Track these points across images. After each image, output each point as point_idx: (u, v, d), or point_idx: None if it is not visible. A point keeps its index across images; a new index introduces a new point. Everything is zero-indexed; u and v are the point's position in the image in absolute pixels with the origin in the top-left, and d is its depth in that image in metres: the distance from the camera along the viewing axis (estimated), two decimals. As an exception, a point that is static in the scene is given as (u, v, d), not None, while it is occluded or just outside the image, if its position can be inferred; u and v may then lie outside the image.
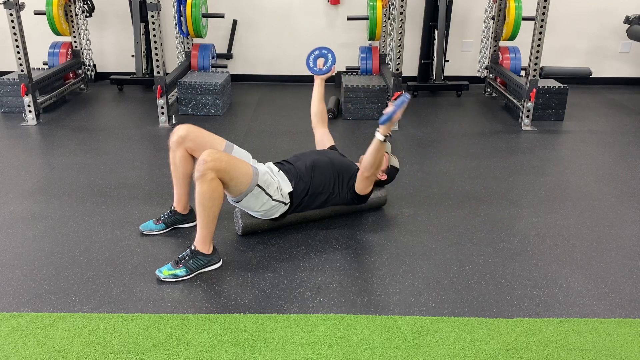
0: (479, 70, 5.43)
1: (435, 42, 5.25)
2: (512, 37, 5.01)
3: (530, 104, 4.30)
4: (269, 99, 5.19)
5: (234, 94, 5.20)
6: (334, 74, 3.10)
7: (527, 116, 4.33)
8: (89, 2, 5.18)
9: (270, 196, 2.44)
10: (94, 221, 2.74)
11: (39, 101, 4.37)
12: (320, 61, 3.03)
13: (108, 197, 3.02)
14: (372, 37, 5.15)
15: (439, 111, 4.86)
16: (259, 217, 2.56)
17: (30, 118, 4.27)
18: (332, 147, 2.91)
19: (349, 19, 5.25)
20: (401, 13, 4.08)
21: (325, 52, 3.05)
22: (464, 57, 5.73)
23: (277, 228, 2.66)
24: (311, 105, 3.02)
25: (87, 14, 5.19)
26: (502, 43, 5.22)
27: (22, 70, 4.17)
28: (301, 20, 5.62)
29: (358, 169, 2.67)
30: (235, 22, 5.59)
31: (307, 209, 2.63)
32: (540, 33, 4.08)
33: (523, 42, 4.98)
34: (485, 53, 5.33)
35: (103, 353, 1.84)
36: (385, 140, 2.39)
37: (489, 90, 5.35)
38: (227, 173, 2.24)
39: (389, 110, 2.30)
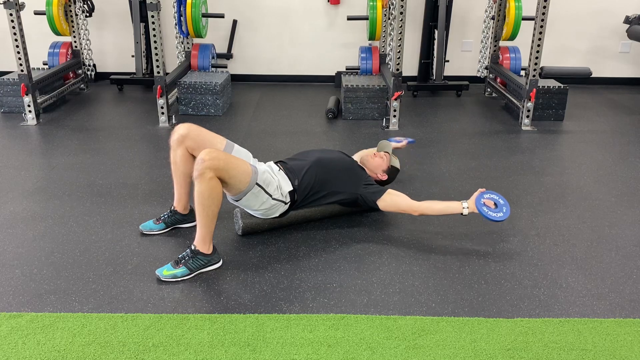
0: (479, 70, 5.43)
1: (435, 42, 5.25)
2: (512, 37, 5.01)
3: (530, 104, 4.30)
4: (269, 99, 5.19)
5: (234, 94, 5.20)
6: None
7: (527, 116, 4.33)
8: (89, 2, 5.18)
9: (270, 195, 2.44)
10: (94, 221, 2.74)
11: (39, 101, 4.36)
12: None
13: (108, 197, 3.02)
14: (372, 37, 5.15)
15: (439, 111, 4.86)
16: (259, 217, 2.56)
17: (30, 118, 4.27)
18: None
19: (349, 19, 5.25)
20: (401, 13, 4.08)
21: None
22: (464, 57, 5.73)
23: (277, 228, 2.66)
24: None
25: (87, 14, 5.18)
26: (502, 43, 5.22)
27: (22, 70, 4.17)
28: (301, 20, 5.62)
29: (367, 175, 2.70)
30: (235, 22, 5.59)
31: (309, 205, 2.63)
32: (540, 33, 4.08)
33: (523, 42, 4.98)
34: (485, 53, 5.33)
35: (103, 353, 1.84)
36: (463, 214, 2.49)
37: (489, 90, 5.35)
38: (225, 172, 2.24)
39: (492, 215, 2.43)
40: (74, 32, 5.07)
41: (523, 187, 3.23)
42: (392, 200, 2.60)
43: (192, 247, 2.29)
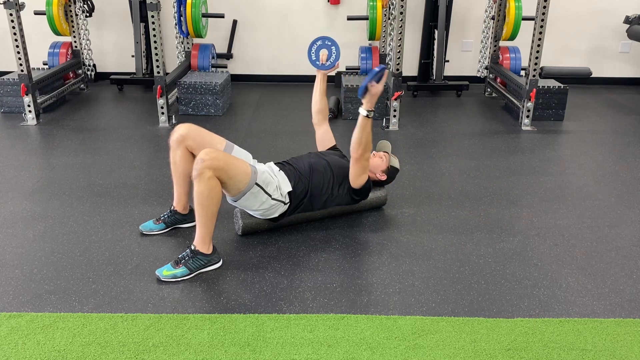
0: (479, 70, 5.43)
1: (435, 42, 5.25)
2: (512, 37, 5.01)
3: (530, 104, 4.30)
4: (269, 99, 5.20)
5: (234, 94, 5.20)
6: (335, 71, 2.88)
7: (527, 116, 4.33)
8: (89, 2, 5.18)
9: (270, 195, 2.44)
10: (94, 221, 2.74)
11: (39, 101, 4.37)
12: (323, 54, 2.80)
13: (108, 197, 3.02)
14: (372, 37, 5.15)
15: (439, 111, 4.86)
16: (259, 217, 2.56)
17: (30, 118, 4.27)
18: (333, 147, 2.90)
19: (349, 19, 5.25)
20: (401, 13, 4.08)
21: (329, 43, 2.80)
22: (464, 57, 5.73)
23: (277, 228, 2.66)
24: (312, 102, 2.91)
25: (87, 14, 5.19)
26: (502, 43, 5.22)
27: (22, 70, 4.17)
28: (301, 20, 5.62)
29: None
30: (235, 22, 5.59)
31: (308, 211, 2.63)
32: (540, 33, 4.08)
33: (523, 42, 4.98)
34: (485, 53, 5.33)
35: (103, 353, 1.84)
36: (368, 116, 2.37)
37: (489, 90, 5.35)
38: (224, 172, 2.24)
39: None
40: (74, 32, 5.07)
41: (523, 187, 3.23)
42: (350, 167, 2.58)
43: (192, 247, 2.29)
